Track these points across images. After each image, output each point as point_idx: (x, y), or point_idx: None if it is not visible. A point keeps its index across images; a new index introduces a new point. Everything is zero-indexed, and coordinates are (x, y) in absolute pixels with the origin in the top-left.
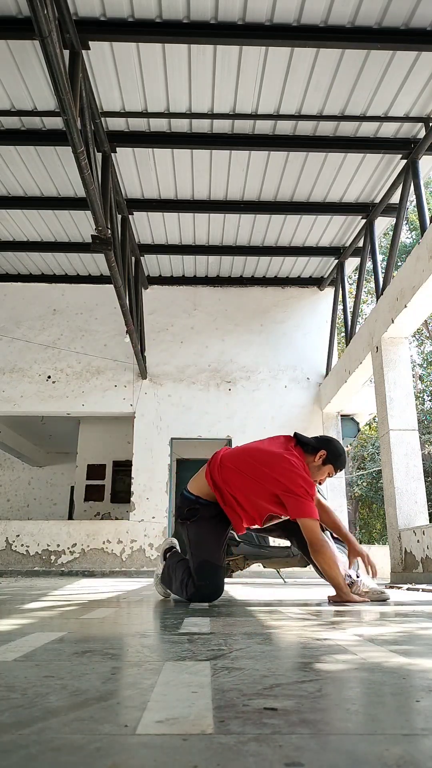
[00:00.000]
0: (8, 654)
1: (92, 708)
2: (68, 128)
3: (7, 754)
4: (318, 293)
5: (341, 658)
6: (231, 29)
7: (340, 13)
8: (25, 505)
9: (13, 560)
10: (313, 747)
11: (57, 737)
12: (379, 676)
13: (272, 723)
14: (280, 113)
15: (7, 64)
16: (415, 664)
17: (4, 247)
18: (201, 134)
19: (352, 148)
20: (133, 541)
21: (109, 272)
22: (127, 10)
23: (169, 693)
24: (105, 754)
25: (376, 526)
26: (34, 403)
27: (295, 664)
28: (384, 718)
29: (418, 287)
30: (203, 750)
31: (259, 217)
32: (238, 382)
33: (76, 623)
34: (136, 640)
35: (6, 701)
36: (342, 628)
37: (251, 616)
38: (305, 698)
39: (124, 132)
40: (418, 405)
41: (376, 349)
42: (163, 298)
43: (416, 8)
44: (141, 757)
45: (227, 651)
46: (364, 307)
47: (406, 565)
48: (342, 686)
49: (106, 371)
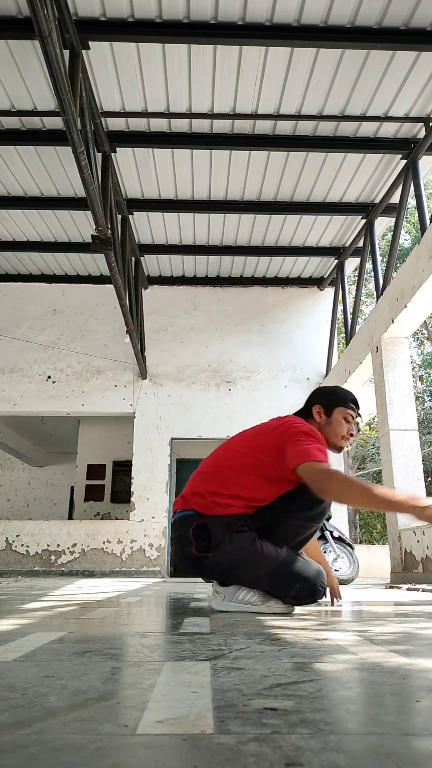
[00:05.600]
0: (8, 654)
1: (92, 708)
2: (68, 128)
3: (7, 754)
4: (318, 293)
5: (341, 658)
6: (231, 29)
7: (340, 13)
8: (25, 505)
9: (13, 560)
10: (313, 747)
11: (57, 737)
12: (379, 676)
13: (272, 723)
14: (280, 113)
15: (7, 64)
16: (415, 664)
17: (4, 247)
18: (201, 134)
19: (352, 148)
20: (133, 541)
21: (109, 272)
22: (127, 10)
23: (169, 693)
24: (105, 754)
25: (377, 526)
26: (34, 403)
27: (295, 664)
28: (384, 718)
29: (418, 287)
30: (203, 750)
31: (259, 217)
32: (238, 382)
33: (76, 623)
34: (136, 640)
35: (6, 701)
36: (342, 628)
37: (251, 616)
38: (305, 698)
39: (124, 132)
40: (418, 405)
41: (376, 350)
42: (163, 298)
43: (416, 8)
44: (141, 757)
45: (227, 651)
46: (363, 307)
47: (406, 565)
48: (342, 686)
49: (106, 371)
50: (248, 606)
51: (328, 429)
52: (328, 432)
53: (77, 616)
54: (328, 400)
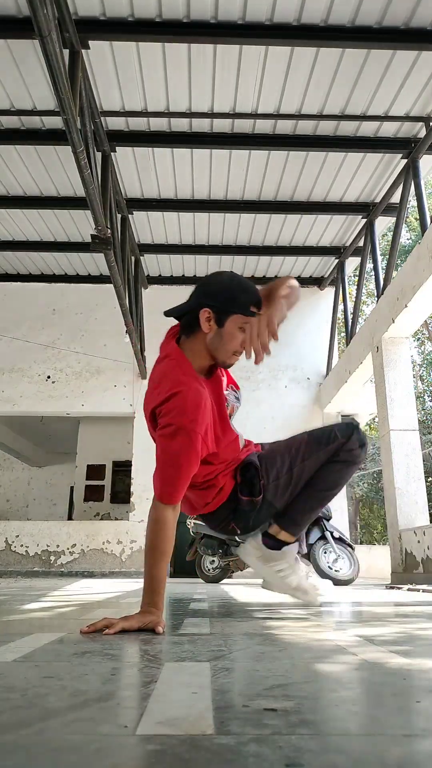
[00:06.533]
0: (8, 654)
1: (92, 709)
2: (68, 128)
3: (7, 754)
4: (318, 293)
5: (341, 659)
6: (231, 29)
7: (340, 13)
8: (25, 505)
9: (12, 561)
10: (313, 747)
11: (57, 738)
12: (380, 676)
13: (272, 724)
14: (280, 113)
15: (7, 64)
16: (416, 665)
17: (4, 247)
18: (201, 134)
19: (352, 147)
20: (133, 542)
21: (109, 272)
22: (127, 10)
23: (169, 694)
24: (105, 754)
25: (377, 527)
26: (33, 403)
27: (295, 664)
28: (384, 718)
29: (418, 287)
30: (203, 751)
31: (259, 216)
32: (237, 382)
33: (75, 624)
34: (135, 640)
35: (6, 702)
36: (342, 629)
37: (251, 617)
38: (305, 699)
39: (123, 131)
40: (418, 405)
41: (377, 349)
42: (163, 298)
43: (416, 8)
44: (141, 758)
45: (227, 652)
46: (364, 307)
47: (406, 565)
48: (342, 687)
49: (106, 371)
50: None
51: (217, 342)
52: (217, 346)
53: (77, 617)
54: (223, 303)
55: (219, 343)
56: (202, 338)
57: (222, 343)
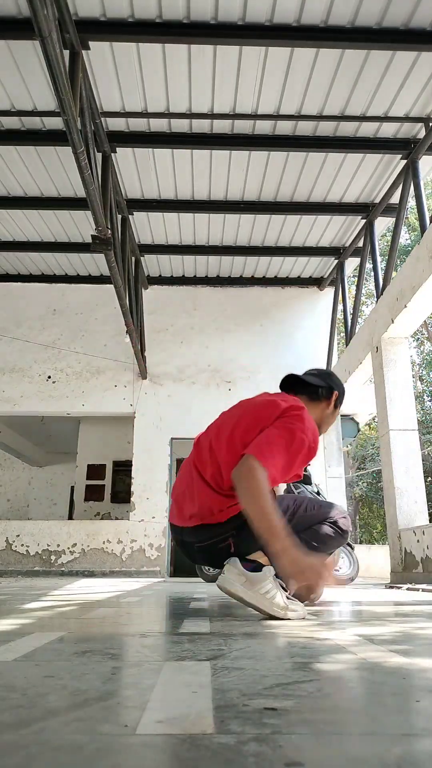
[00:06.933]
0: (8, 654)
1: (92, 708)
2: (68, 128)
3: (7, 754)
4: (318, 293)
5: (341, 658)
6: (231, 29)
7: (340, 13)
8: (25, 505)
9: (13, 560)
10: (313, 747)
11: (57, 737)
12: (379, 676)
13: (272, 723)
14: (280, 113)
15: (7, 64)
16: (415, 664)
17: (4, 247)
18: (201, 134)
19: (352, 148)
20: (133, 541)
21: (109, 272)
22: (127, 10)
23: (169, 693)
24: (105, 754)
25: (377, 526)
26: (34, 403)
27: (295, 664)
28: (384, 718)
29: (418, 287)
30: (203, 750)
31: (259, 217)
32: (238, 382)
33: (76, 623)
34: (136, 640)
35: (6, 701)
36: (342, 628)
37: (251, 617)
38: (305, 698)
39: (124, 132)
40: (418, 405)
41: (376, 350)
42: (163, 298)
43: (416, 8)
44: (141, 758)
45: (227, 651)
46: (363, 307)
47: (406, 565)
48: (342, 686)
49: (106, 371)
50: (265, 603)
51: (330, 419)
52: (328, 421)
53: (77, 616)
54: (341, 396)
55: (330, 419)
56: (321, 409)
57: (329, 421)
